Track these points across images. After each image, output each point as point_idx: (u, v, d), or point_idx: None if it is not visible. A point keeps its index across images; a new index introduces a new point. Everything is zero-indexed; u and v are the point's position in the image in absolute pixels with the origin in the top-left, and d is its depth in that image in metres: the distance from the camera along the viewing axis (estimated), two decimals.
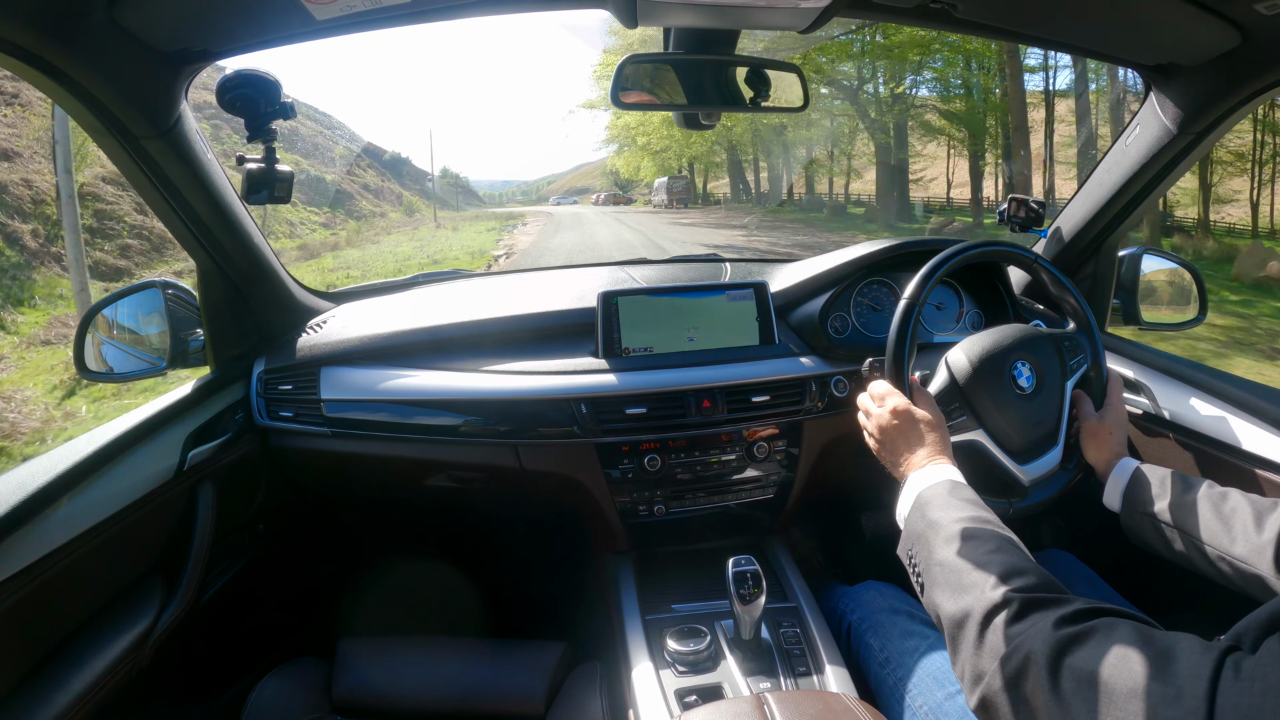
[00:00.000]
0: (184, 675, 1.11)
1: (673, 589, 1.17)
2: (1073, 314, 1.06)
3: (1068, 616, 0.55)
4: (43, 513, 0.78)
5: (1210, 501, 0.82)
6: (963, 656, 0.61)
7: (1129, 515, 0.90)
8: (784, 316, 1.29)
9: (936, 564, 0.69)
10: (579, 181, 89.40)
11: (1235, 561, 0.77)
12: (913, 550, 0.75)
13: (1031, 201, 1.31)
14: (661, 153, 31.26)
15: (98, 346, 1.15)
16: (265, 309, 1.23)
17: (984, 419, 0.96)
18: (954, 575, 0.66)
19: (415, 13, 0.87)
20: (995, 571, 0.63)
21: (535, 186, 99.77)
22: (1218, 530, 0.80)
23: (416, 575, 1.47)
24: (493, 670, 1.01)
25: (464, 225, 28.61)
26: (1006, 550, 0.66)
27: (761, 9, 0.88)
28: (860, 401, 0.97)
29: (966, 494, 0.77)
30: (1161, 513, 0.86)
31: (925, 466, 0.83)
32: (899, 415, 0.88)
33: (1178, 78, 1.02)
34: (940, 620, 0.67)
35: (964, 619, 0.62)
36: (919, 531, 0.75)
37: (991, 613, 0.59)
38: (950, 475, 0.80)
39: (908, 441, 0.87)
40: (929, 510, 0.76)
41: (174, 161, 0.93)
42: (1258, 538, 0.75)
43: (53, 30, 0.71)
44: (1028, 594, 0.59)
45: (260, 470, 1.21)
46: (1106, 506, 0.94)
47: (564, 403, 1.13)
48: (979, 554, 0.66)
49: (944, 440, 0.87)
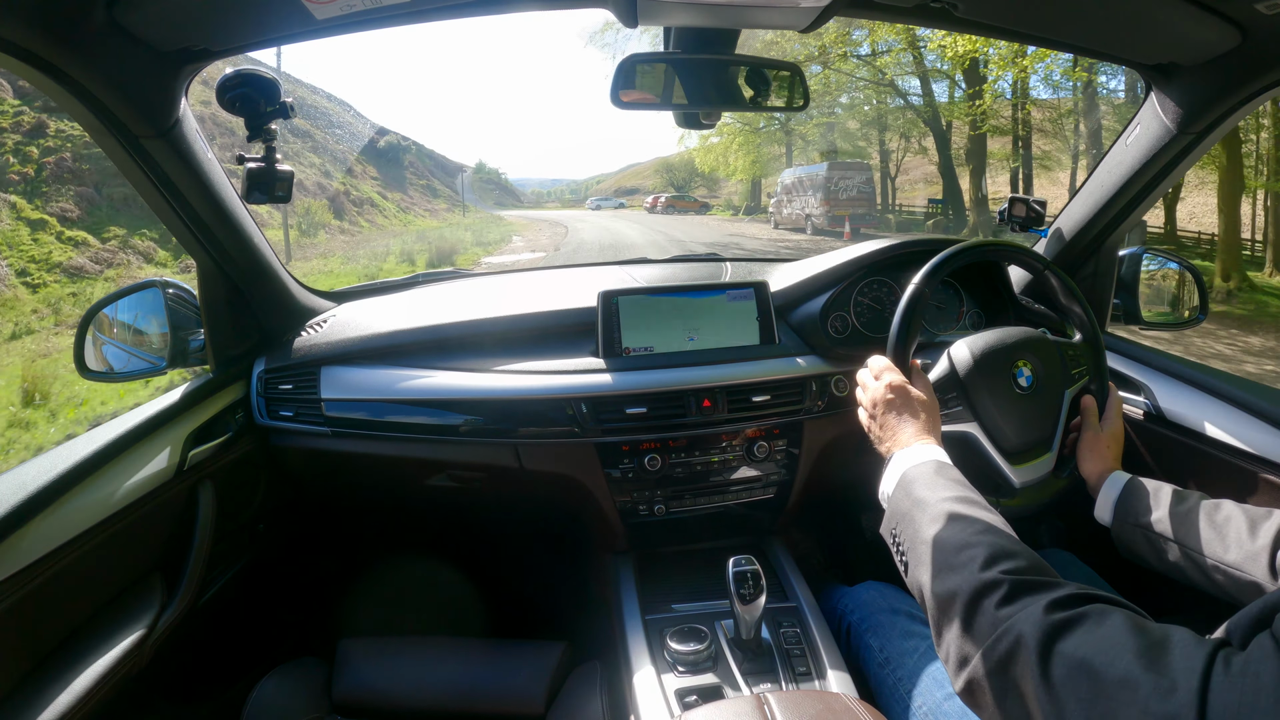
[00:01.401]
0: (184, 675, 1.11)
1: (673, 589, 1.17)
2: (1080, 326, 1.06)
3: (1060, 601, 0.54)
4: (43, 513, 0.78)
5: (1204, 512, 0.82)
6: (948, 638, 0.60)
7: (1120, 527, 0.90)
8: (784, 316, 1.29)
9: (923, 543, 0.67)
10: (628, 181, 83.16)
11: (1229, 569, 0.77)
12: (896, 529, 0.73)
13: (1032, 201, 1.31)
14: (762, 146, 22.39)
15: (98, 346, 1.15)
16: (265, 308, 1.23)
17: (980, 413, 0.96)
18: (941, 555, 0.64)
19: (415, 13, 0.86)
20: (984, 552, 0.61)
21: (584, 186, 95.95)
22: (1211, 539, 0.79)
23: (416, 575, 1.47)
24: (493, 670, 1.01)
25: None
26: (995, 532, 0.64)
27: (761, 8, 0.88)
28: (859, 376, 0.96)
29: (953, 474, 0.75)
30: (1153, 524, 0.85)
31: (913, 445, 0.81)
32: (894, 390, 0.87)
33: (1178, 77, 1.02)
34: (924, 600, 0.65)
35: (950, 599, 0.60)
36: (904, 510, 0.73)
37: (979, 593, 0.58)
38: (937, 455, 0.79)
39: (899, 417, 0.85)
40: (915, 488, 0.74)
41: (174, 161, 0.93)
42: (1252, 544, 0.75)
43: (53, 30, 0.71)
44: (1018, 576, 0.58)
45: (260, 470, 1.21)
46: (1098, 520, 0.94)
47: (564, 402, 1.13)
48: (967, 534, 0.64)
49: (935, 422, 0.86)
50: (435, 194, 37.34)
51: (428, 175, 39.25)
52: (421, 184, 37.04)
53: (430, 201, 35.22)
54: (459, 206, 37.90)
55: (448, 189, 40.34)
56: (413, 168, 38.01)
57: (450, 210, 35.45)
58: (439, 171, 43.36)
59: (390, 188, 31.06)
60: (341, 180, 24.67)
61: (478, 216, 35.87)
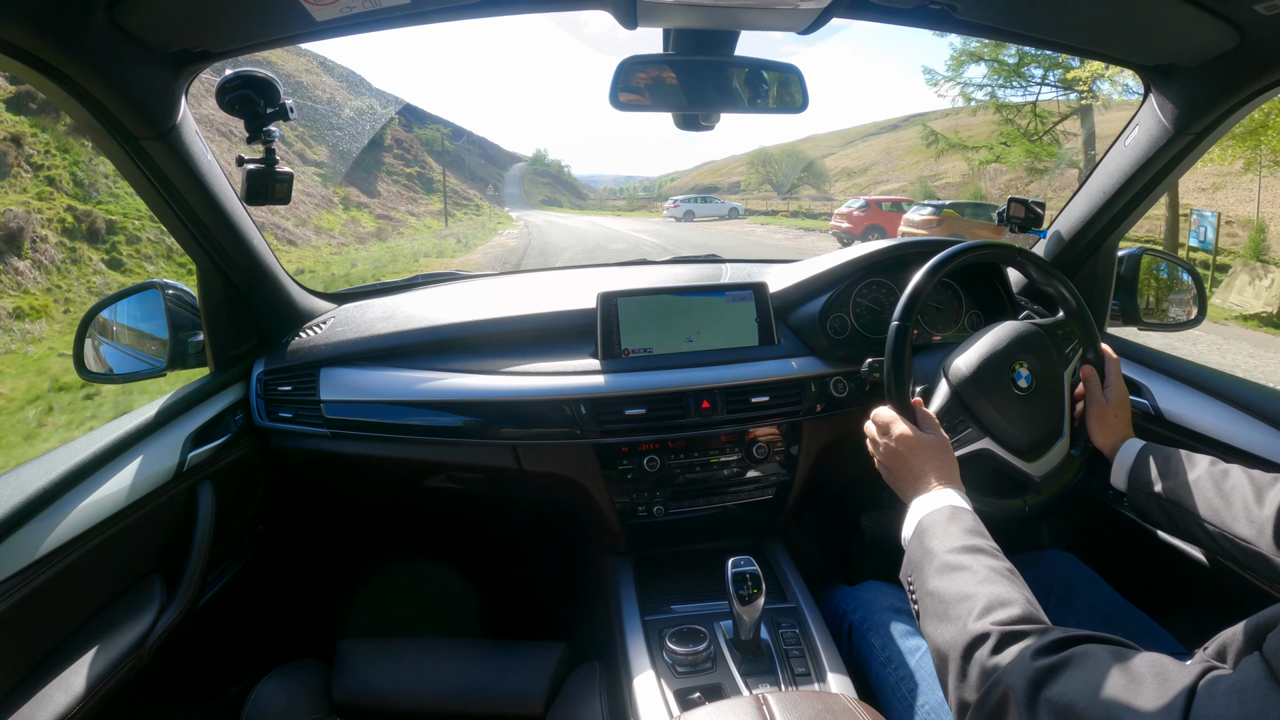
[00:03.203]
0: (184, 675, 1.11)
1: (672, 590, 1.17)
2: (1061, 301, 1.06)
3: (1044, 647, 0.56)
4: (43, 513, 0.78)
5: (1212, 479, 0.83)
6: (949, 688, 0.63)
7: (1135, 495, 0.92)
8: (783, 317, 1.29)
9: (928, 594, 0.71)
10: (705, 178, 72.56)
11: (1236, 539, 0.78)
12: (911, 577, 0.76)
13: (1031, 202, 1.31)
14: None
15: (97, 347, 1.15)
16: (265, 310, 1.23)
17: (988, 426, 0.96)
18: (941, 606, 0.67)
19: (415, 13, 0.87)
20: (979, 604, 0.64)
21: (657, 184, 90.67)
22: (1219, 507, 0.80)
23: (416, 576, 1.47)
24: (492, 671, 1.01)
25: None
26: (993, 581, 0.67)
27: (761, 9, 0.88)
28: (866, 429, 0.97)
29: (965, 521, 0.77)
30: (1166, 491, 0.87)
31: (928, 493, 0.83)
32: (902, 442, 0.89)
33: (1176, 78, 1.02)
34: (930, 650, 0.68)
35: (948, 651, 0.63)
36: (916, 559, 0.76)
37: (971, 646, 0.61)
38: (952, 501, 0.81)
39: (910, 469, 0.87)
40: (926, 538, 0.77)
41: (174, 162, 0.94)
42: (1259, 513, 0.76)
43: (53, 31, 0.71)
44: (1007, 626, 0.60)
45: (260, 471, 1.21)
46: (1113, 485, 0.95)
47: (563, 403, 1.13)
48: (966, 585, 0.67)
49: (947, 465, 0.87)
50: (430, 188, 31.31)
51: (420, 164, 32.87)
52: (411, 172, 30.64)
53: (414, 198, 28.52)
54: (466, 205, 34.02)
55: (464, 181, 36.46)
56: (400, 149, 31.48)
57: (438, 214, 27.91)
58: (483, 161, 39.32)
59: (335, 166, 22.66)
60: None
61: (472, 221, 29.49)
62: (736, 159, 70.13)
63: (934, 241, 1.28)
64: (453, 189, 33.37)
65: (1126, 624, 0.98)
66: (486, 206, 39.82)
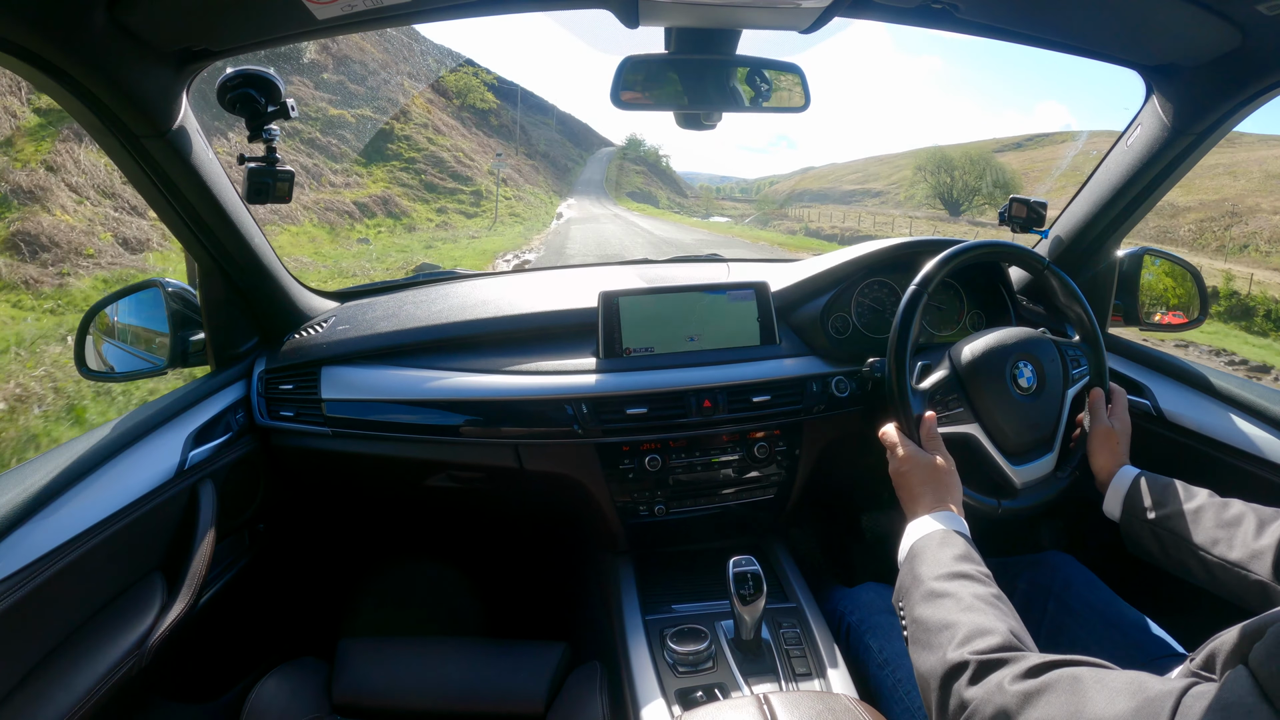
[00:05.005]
0: (184, 675, 1.11)
1: (673, 589, 1.17)
2: (1078, 325, 1.06)
3: (1022, 674, 0.56)
4: (43, 512, 0.78)
5: (1212, 509, 0.82)
6: (933, 716, 0.63)
7: (1128, 523, 0.91)
8: (785, 317, 1.29)
9: (914, 620, 0.71)
10: (810, 183, 68.08)
11: (1234, 568, 0.77)
12: (901, 603, 0.77)
13: (1033, 202, 1.31)
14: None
15: (98, 346, 1.15)
16: (266, 308, 1.23)
17: (981, 414, 0.97)
18: (925, 634, 0.68)
19: (415, 12, 0.87)
20: (960, 632, 0.64)
21: (754, 186, 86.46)
22: (1219, 537, 0.79)
23: (417, 575, 1.47)
24: (493, 670, 1.01)
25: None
26: (976, 610, 0.67)
27: (762, 9, 0.88)
28: (880, 436, 0.97)
29: (956, 547, 0.77)
30: (1161, 520, 0.86)
31: (923, 517, 0.84)
32: (905, 462, 0.90)
33: (1178, 78, 1.02)
34: (916, 678, 0.69)
35: (929, 679, 0.64)
36: (906, 585, 0.77)
37: (950, 675, 0.61)
38: (946, 524, 0.81)
39: (910, 491, 0.88)
40: (916, 564, 0.77)
41: (175, 161, 0.93)
42: (1257, 543, 0.75)
43: (53, 30, 0.71)
44: (984, 655, 0.60)
45: (261, 470, 1.21)
46: (1106, 515, 0.95)
47: (564, 403, 1.13)
48: (949, 613, 0.67)
49: (944, 486, 0.87)
50: (462, 180, 23.23)
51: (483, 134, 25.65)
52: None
53: (438, 188, 21.74)
54: (514, 194, 26.49)
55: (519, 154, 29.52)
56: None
57: (474, 212, 22.16)
58: (561, 138, 30.41)
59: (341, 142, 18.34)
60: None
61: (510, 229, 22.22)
62: (881, 160, 55.26)
63: (936, 241, 1.28)
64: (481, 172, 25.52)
65: (1126, 626, 0.98)
66: (538, 195, 32.08)
